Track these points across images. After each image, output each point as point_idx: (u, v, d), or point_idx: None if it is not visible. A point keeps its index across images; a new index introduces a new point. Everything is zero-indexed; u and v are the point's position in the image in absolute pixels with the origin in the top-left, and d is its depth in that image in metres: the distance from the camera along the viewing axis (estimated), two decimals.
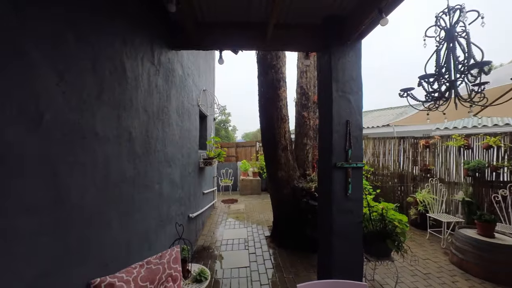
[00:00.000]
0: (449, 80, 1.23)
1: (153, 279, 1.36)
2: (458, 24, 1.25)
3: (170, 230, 2.33)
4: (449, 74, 1.24)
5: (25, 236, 0.85)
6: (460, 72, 1.18)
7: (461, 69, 1.18)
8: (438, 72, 1.26)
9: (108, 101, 1.36)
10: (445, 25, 1.27)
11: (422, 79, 1.21)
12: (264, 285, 2.53)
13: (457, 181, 4.53)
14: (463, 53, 1.21)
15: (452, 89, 1.24)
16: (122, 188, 1.50)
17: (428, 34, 1.34)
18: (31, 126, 0.87)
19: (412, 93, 1.39)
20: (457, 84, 1.23)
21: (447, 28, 1.26)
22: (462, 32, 1.24)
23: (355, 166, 2.23)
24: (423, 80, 1.20)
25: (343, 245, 2.22)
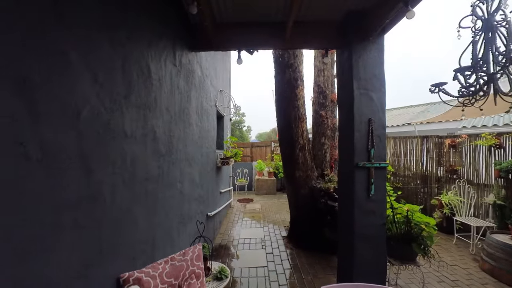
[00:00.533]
0: (488, 73, 1.15)
1: (177, 275, 1.39)
2: (498, 13, 1.17)
3: (191, 228, 2.37)
4: (487, 66, 1.16)
5: (67, 230, 0.90)
6: (501, 65, 1.10)
7: (502, 61, 1.10)
8: (474, 65, 1.18)
9: (135, 101, 1.41)
10: (482, 14, 1.19)
11: (458, 72, 1.13)
12: (282, 285, 2.52)
13: (487, 183, 4.24)
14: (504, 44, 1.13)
15: (491, 83, 1.16)
16: (148, 186, 1.55)
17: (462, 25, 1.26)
18: (70, 125, 0.92)
19: (444, 88, 1.31)
20: (497, 77, 1.14)
21: (485, 17, 1.18)
22: (502, 21, 1.15)
23: (378, 166, 2.15)
24: (459, 74, 1.13)
25: (365, 247, 2.15)
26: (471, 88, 1.18)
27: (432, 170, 4.91)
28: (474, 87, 1.19)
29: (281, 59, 3.34)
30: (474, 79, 1.21)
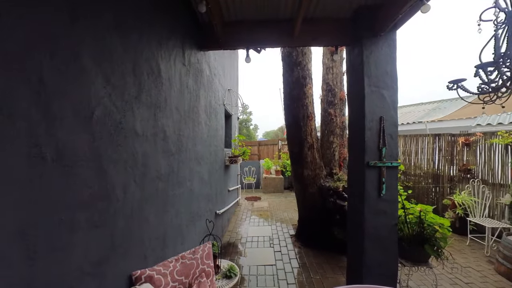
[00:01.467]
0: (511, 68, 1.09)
1: (188, 273, 1.40)
2: None
3: (200, 226, 2.40)
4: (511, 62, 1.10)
5: (81, 228, 0.92)
6: None
7: None
8: (497, 60, 1.12)
9: (146, 101, 1.42)
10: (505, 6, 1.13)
11: (479, 68, 1.08)
12: (290, 284, 2.51)
13: (503, 183, 4.08)
14: None
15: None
16: (158, 185, 1.57)
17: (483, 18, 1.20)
18: (83, 126, 0.94)
19: (463, 85, 1.26)
20: None
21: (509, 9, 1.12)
22: None
23: (390, 165, 2.10)
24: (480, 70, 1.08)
25: (375, 248, 2.11)
26: (492, 85, 1.12)
27: (444, 169, 4.77)
28: (496, 83, 1.14)
29: (289, 57, 3.30)
30: (497, 75, 1.15)
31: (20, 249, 0.69)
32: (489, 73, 1.09)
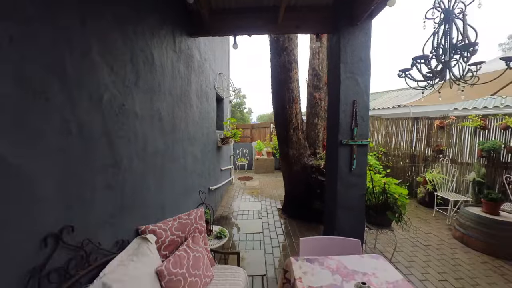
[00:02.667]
0: (444, 60, 1.35)
1: (184, 230, 1.71)
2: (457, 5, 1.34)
3: (194, 198, 2.70)
4: (445, 55, 1.36)
5: (100, 189, 1.18)
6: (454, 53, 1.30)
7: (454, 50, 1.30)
8: (435, 53, 1.38)
9: (143, 87, 1.63)
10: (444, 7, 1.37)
11: (415, 60, 1.33)
12: (275, 247, 2.90)
13: (469, 162, 4.51)
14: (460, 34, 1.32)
15: (447, 69, 1.37)
16: (156, 160, 1.83)
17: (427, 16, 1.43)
18: (96, 107, 1.16)
19: (410, 74, 1.52)
20: (451, 64, 1.35)
21: (446, 9, 1.36)
22: (459, 13, 1.33)
23: (360, 144, 2.40)
24: (416, 61, 1.33)
25: (346, 215, 2.47)
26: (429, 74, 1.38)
27: (420, 150, 5.17)
28: (433, 73, 1.40)
29: (277, 43, 3.46)
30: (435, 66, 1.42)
31: (60, 200, 0.95)
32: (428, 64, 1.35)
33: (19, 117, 0.79)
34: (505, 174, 3.94)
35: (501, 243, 2.89)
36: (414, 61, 1.33)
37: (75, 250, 1.03)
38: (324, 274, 1.28)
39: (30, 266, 0.83)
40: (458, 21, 1.33)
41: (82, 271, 1.04)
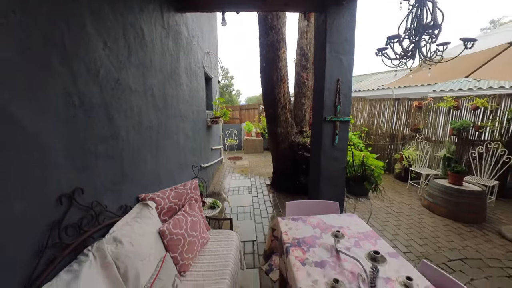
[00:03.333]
0: (415, 40, 1.50)
1: (180, 198, 1.86)
2: None
3: (187, 173, 2.83)
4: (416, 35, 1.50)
5: (102, 157, 1.28)
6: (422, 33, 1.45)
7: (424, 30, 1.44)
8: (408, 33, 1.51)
9: (135, 62, 1.67)
10: None
11: (389, 39, 1.47)
12: (264, 217, 3.15)
13: (442, 140, 4.91)
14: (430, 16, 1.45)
15: (417, 49, 1.52)
16: (151, 133, 1.91)
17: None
18: (94, 81, 1.22)
19: (386, 53, 1.66)
20: (421, 44, 1.50)
21: None
22: None
23: (342, 120, 2.58)
24: (390, 41, 1.47)
25: (328, 186, 2.71)
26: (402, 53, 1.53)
27: (399, 129, 5.52)
28: (405, 53, 1.55)
29: (265, 21, 3.45)
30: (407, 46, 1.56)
31: (70, 165, 1.05)
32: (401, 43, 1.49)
33: (30, 86, 0.86)
34: (471, 150, 4.36)
35: (461, 208, 3.30)
36: (388, 41, 1.47)
37: (86, 210, 1.15)
38: (306, 228, 1.50)
39: (50, 220, 0.95)
40: (429, 3, 1.45)
41: (93, 228, 1.17)
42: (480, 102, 4.39)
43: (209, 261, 1.65)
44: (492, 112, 4.33)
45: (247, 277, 2.04)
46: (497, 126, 4.27)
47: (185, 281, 1.46)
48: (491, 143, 4.10)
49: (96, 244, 1.09)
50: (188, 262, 1.56)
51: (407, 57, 1.56)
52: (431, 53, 1.51)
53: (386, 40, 1.47)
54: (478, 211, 3.31)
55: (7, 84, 0.78)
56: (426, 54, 1.46)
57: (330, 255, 1.23)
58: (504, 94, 4.26)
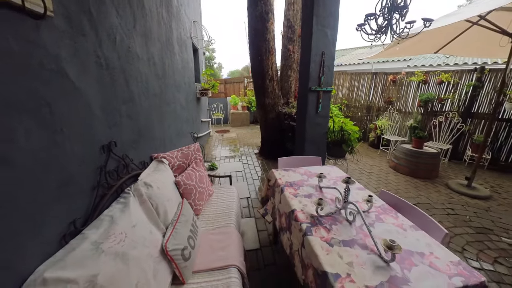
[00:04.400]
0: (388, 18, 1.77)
1: (186, 158, 2.12)
2: None
3: (185, 140, 3.05)
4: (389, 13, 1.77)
5: (125, 117, 1.47)
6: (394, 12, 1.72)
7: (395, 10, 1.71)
8: (382, 12, 1.78)
9: (139, 30, 1.77)
10: None
11: (366, 16, 1.73)
12: (255, 179, 3.54)
13: (411, 111, 5.50)
14: None
15: (389, 26, 1.80)
16: (156, 100, 2.08)
17: None
18: (113, 47, 1.37)
19: (364, 28, 1.92)
20: (392, 21, 1.78)
21: None
22: None
23: (326, 90, 2.89)
24: (367, 18, 1.73)
25: (312, 148, 3.09)
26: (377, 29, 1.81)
27: (375, 101, 6.01)
28: (379, 29, 1.83)
29: None
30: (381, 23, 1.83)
31: (105, 120, 1.25)
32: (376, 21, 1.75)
33: (73, 46, 1.02)
34: (433, 120, 4.98)
35: (419, 167, 3.93)
36: (366, 18, 1.73)
37: (119, 160, 1.38)
38: (296, 175, 1.86)
39: (98, 165, 1.18)
40: None
41: (126, 176, 1.42)
42: (444, 76, 4.91)
43: (216, 208, 1.98)
44: (454, 86, 4.90)
45: (246, 224, 2.44)
46: (456, 98, 4.87)
47: (200, 221, 1.79)
48: (449, 113, 4.72)
49: (133, 186, 1.34)
50: (200, 207, 1.88)
51: (381, 33, 1.84)
52: (400, 29, 1.81)
53: (364, 17, 1.72)
54: (433, 169, 3.97)
55: (61, 45, 0.94)
56: (396, 30, 1.75)
57: (315, 190, 1.61)
58: (465, 70, 4.80)
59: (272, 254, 2.08)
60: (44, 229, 0.82)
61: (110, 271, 0.87)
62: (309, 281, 1.07)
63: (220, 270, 1.32)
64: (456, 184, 3.59)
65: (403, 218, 1.33)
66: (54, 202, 0.88)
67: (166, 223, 1.42)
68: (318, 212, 1.31)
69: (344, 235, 1.16)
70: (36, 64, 0.82)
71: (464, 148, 4.87)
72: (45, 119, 0.84)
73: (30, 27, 0.80)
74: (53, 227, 0.87)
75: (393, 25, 1.81)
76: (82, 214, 1.03)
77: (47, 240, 0.84)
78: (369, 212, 1.37)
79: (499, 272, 1.99)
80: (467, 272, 0.92)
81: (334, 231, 1.19)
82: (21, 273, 0.73)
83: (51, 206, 0.86)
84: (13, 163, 0.72)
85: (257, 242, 2.22)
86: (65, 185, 0.93)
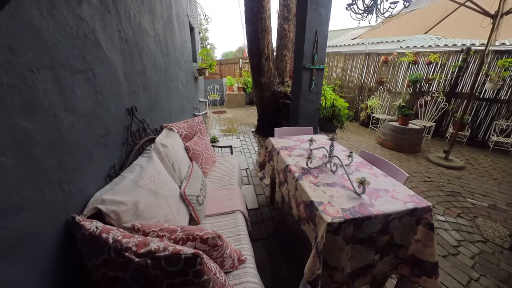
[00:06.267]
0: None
1: (192, 128, 2.34)
2: None
3: (187, 116, 3.25)
4: None
5: (141, 88, 1.67)
6: None
7: None
8: None
9: (146, 7, 1.91)
10: None
11: None
12: (252, 153, 3.82)
13: (400, 91, 5.76)
14: None
15: (375, 6, 1.99)
16: (162, 75, 2.25)
17: None
18: (129, 23, 1.53)
19: (354, 8, 2.11)
20: (378, 1, 1.97)
21: None
22: None
23: (318, 68, 3.09)
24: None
25: (305, 123, 3.34)
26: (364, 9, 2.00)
27: (367, 82, 6.23)
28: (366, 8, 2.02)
29: None
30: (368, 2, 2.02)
31: (127, 87, 1.45)
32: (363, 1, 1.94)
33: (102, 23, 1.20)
34: (420, 99, 5.27)
35: (404, 142, 4.27)
36: None
37: (139, 124, 1.60)
38: (290, 142, 2.13)
39: (125, 124, 1.41)
40: None
41: (145, 137, 1.65)
42: (433, 57, 5.13)
43: (220, 172, 2.25)
44: (441, 67, 5.13)
45: (245, 189, 2.74)
46: (443, 79, 5.13)
47: (208, 182, 2.07)
48: (435, 93, 5.01)
49: (153, 145, 1.58)
50: (207, 170, 2.14)
51: (367, 12, 2.03)
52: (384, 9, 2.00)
53: None
54: (416, 144, 4.31)
55: (95, 19, 1.13)
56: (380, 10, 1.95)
57: (306, 152, 1.89)
58: (453, 51, 5.01)
59: (269, 212, 2.40)
60: (96, 167, 1.07)
61: (147, 201, 1.13)
62: (301, 214, 1.37)
63: (228, 214, 1.62)
64: (435, 157, 3.96)
65: (376, 169, 1.62)
66: (101, 147, 1.12)
67: (180, 178, 1.68)
68: (308, 165, 1.59)
69: (328, 180, 1.45)
70: (83, 35, 1.01)
71: (447, 126, 5.23)
72: (91, 80, 1.05)
73: (76, 3, 0.98)
74: (101, 166, 1.12)
75: (379, 5, 2.00)
76: (118, 161, 1.28)
77: (98, 175, 1.08)
78: (350, 166, 1.66)
79: (460, 223, 2.37)
80: (418, 200, 1.23)
81: (320, 178, 1.47)
82: (86, 195, 0.98)
83: (99, 149, 1.10)
84: (76, 111, 0.94)
85: (256, 203, 2.53)
86: (106, 136, 1.16)
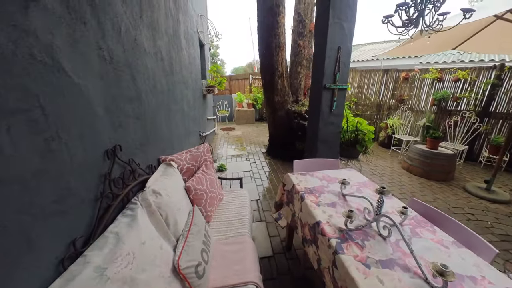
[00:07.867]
0: (420, 9, 1.60)
1: (196, 160, 1.98)
2: None
3: (193, 140, 2.92)
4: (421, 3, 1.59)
5: (131, 117, 1.34)
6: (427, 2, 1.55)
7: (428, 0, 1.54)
8: (414, 2, 1.60)
9: (146, 21, 1.62)
10: None
11: (398, 6, 1.56)
12: (264, 180, 3.40)
13: (423, 110, 5.29)
14: None
15: (421, 17, 1.63)
16: (163, 98, 1.94)
17: None
18: (118, 39, 1.22)
19: (392, 20, 1.75)
20: (425, 13, 1.60)
21: None
22: None
23: (341, 88, 2.72)
24: (398, 8, 1.56)
25: (324, 148, 2.94)
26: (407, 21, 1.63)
27: (386, 99, 5.81)
28: (410, 20, 1.65)
29: None
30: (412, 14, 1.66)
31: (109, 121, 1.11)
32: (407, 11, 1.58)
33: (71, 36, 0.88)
34: (447, 119, 4.78)
35: (434, 169, 3.76)
36: (397, 7, 1.55)
37: (124, 166, 1.24)
38: (314, 180, 1.72)
39: (102, 172, 1.05)
40: None
41: (132, 182, 1.28)
42: (461, 74, 4.69)
43: (228, 214, 1.85)
44: (470, 84, 4.67)
45: (256, 228, 2.31)
46: (473, 97, 4.65)
47: (212, 229, 1.66)
48: (466, 113, 4.52)
49: (140, 195, 1.21)
50: (211, 213, 1.75)
51: (411, 25, 1.67)
52: (432, 22, 1.63)
53: (395, 7, 1.55)
54: (449, 171, 3.79)
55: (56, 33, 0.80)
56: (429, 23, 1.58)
57: (338, 198, 1.47)
58: (483, 67, 4.57)
59: (286, 261, 1.95)
60: (39, 252, 0.69)
61: None
62: None
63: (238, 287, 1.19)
64: (474, 187, 3.42)
65: (441, 232, 1.18)
66: (53, 218, 0.75)
67: (176, 235, 1.29)
68: (347, 226, 1.16)
69: (380, 254, 1.02)
70: (26, 55, 0.67)
71: (480, 149, 4.68)
72: (37, 123, 0.71)
73: (18, 7, 0.65)
74: (50, 248, 0.74)
75: (425, 16, 1.64)
76: (84, 231, 0.90)
77: (43, 265, 0.71)
78: (403, 225, 1.23)
79: None
80: None
81: (368, 248, 1.05)
82: None
83: (48, 223, 0.73)
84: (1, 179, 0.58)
85: (269, 249, 2.09)
86: (62, 200, 0.80)
